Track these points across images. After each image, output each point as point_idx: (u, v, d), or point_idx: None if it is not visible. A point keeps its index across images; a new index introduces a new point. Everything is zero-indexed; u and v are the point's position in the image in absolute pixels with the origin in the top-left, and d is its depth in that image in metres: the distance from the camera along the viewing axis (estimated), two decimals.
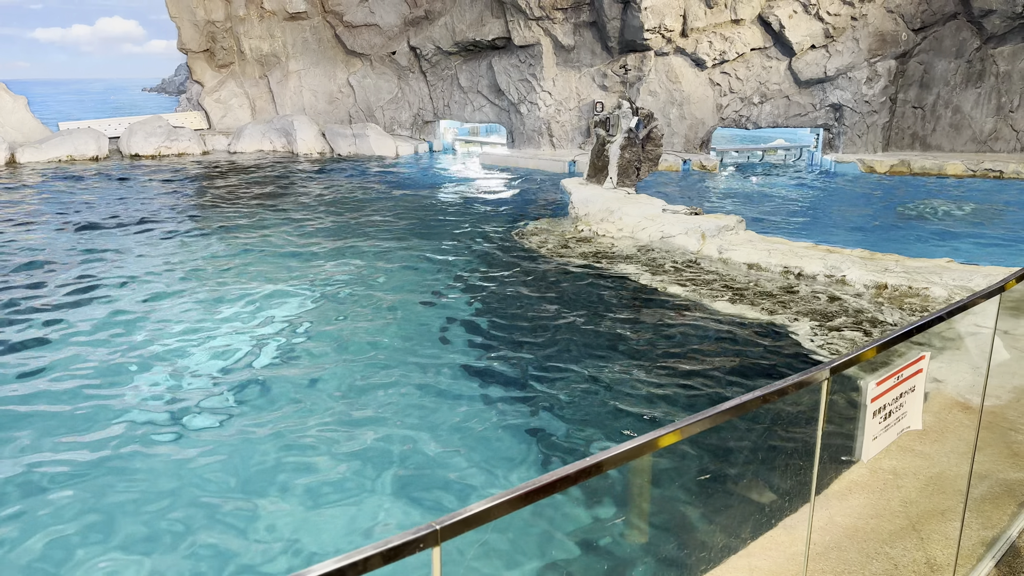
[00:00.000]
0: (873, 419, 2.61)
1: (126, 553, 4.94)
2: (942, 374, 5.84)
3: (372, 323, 9.28)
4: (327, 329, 9.08)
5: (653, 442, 2.01)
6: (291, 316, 9.51)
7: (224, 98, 28.84)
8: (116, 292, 10.58)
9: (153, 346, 8.51)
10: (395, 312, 9.69)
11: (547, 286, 10.68)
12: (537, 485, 1.75)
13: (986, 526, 4.03)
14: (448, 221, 15.52)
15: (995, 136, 23.27)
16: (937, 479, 4.56)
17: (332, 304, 10.00)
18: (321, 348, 8.46)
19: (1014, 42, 22.57)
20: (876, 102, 23.42)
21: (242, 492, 5.63)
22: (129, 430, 6.57)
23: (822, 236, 14.35)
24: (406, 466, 6.00)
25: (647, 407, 6.94)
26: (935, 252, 12.74)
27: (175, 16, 27.50)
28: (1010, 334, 5.69)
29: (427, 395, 7.29)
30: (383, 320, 9.40)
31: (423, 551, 1.52)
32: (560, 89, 24.88)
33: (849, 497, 4.29)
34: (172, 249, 13.03)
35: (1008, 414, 5.15)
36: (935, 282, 9.59)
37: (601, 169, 16.35)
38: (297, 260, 12.24)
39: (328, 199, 17.98)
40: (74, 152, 23.91)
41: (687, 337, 8.63)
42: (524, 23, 24.43)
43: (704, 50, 23.47)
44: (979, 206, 17.39)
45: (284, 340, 8.67)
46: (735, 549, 3.91)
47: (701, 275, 10.92)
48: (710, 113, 24.35)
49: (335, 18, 27.89)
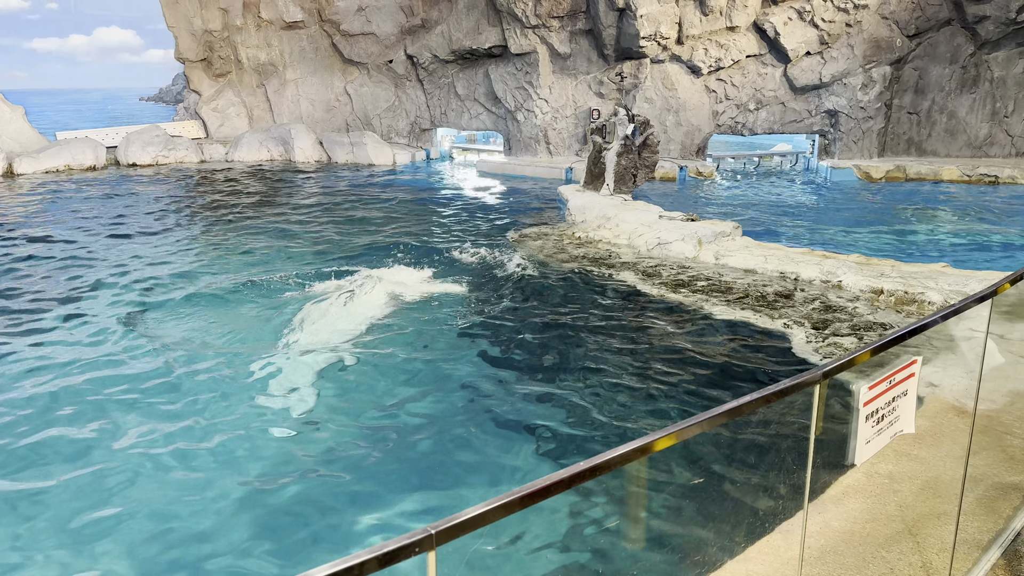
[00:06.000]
0: (866, 423, 2.63)
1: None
2: (937, 378, 5.86)
3: (366, 330, 9.28)
4: (322, 335, 9.08)
5: (648, 446, 2.03)
6: (286, 323, 9.52)
7: (221, 107, 28.90)
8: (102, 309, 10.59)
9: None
10: (389, 319, 9.69)
11: (543, 292, 10.70)
12: (532, 489, 1.76)
13: (981, 530, 4.05)
14: (445, 228, 15.55)
15: (990, 141, 23.36)
16: (933, 483, 4.57)
17: (322, 310, 9.99)
18: (318, 357, 8.46)
19: (1008, 47, 22.68)
20: (871, 108, 23.51)
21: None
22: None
23: (818, 241, 14.40)
24: (403, 471, 6.00)
25: (643, 412, 6.96)
26: (931, 257, 12.79)
27: (172, 26, 27.57)
28: (1005, 338, 5.72)
29: (421, 399, 7.30)
30: (377, 327, 9.40)
31: (419, 555, 1.53)
32: (557, 97, 24.96)
33: (845, 501, 4.31)
34: (171, 256, 13.05)
35: (1003, 418, 5.17)
36: (931, 287, 9.62)
37: (598, 176, 16.39)
38: (292, 264, 12.25)
39: (324, 207, 18.00)
40: (72, 162, 23.94)
41: (682, 342, 8.64)
42: (520, 31, 24.52)
43: (700, 57, 23.57)
44: (975, 211, 17.45)
45: (285, 347, 8.68)
46: (732, 554, 3.92)
47: (697, 281, 10.95)
48: (706, 120, 24.43)
49: (332, 27, 27.98)
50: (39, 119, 46.66)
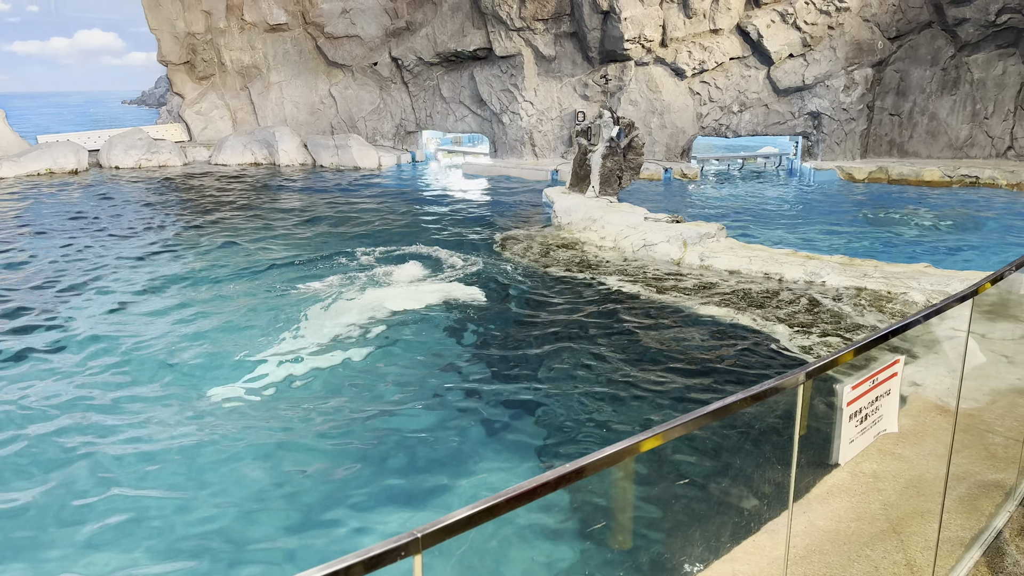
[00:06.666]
0: (849, 422, 2.65)
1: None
2: (920, 377, 5.91)
3: (348, 334, 9.25)
4: (311, 340, 9.05)
5: (635, 446, 2.03)
6: (275, 329, 9.47)
7: (205, 110, 28.73)
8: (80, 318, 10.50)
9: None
10: (370, 323, 9.65)
11: (528, 294, 10.71)
12: (519, 491, 1.76)
13: (964, 528, 4.08)
14: (430, 230, 15.53)
15: (971, 142, 23.60)
16: (916, 482, 4.61)
17: (306, 313, 9.96)
18: (306, 360, 8.43)
19: (987, 50, 22.93)
20: (854, 110, 23.70)
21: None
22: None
23: (802, 242, 14.49)
24: (385, 474, 5.98)
25: (628, 413, 6.97)
26: (913, 257, 12.90)
27: (155, 28, 27.39)
28: (986, 337, 5.78)
29: (402, 403, 7.28)
30: (359, 331, 9.37)
31: (405, 559, 1.53)
32: (542, 99, 24.99)
33: (830, 501, 4.33)
34: (154, 265, 12.96)
35: (985, 416, 5.22)
36: (913, 287, 9.71)
37: (583, 178, 16.43)
38: (273, 269, 12.19)
39: (310, 211, 17.93)
40: (53, 165, 23.72)
41: (668, 344, 8.67)
42: (505, 34, 24.54)
43: (684, 60, 23.67)
44: (957, 211, 17.62)
45: (272, 354, 8.63)
46: (718, 554, 3.93)
47: (683, 282, 10.99)
48: (690, 122, 24.54)
49: (316, 29, 27.89)
50: (20, 122, 46.19)
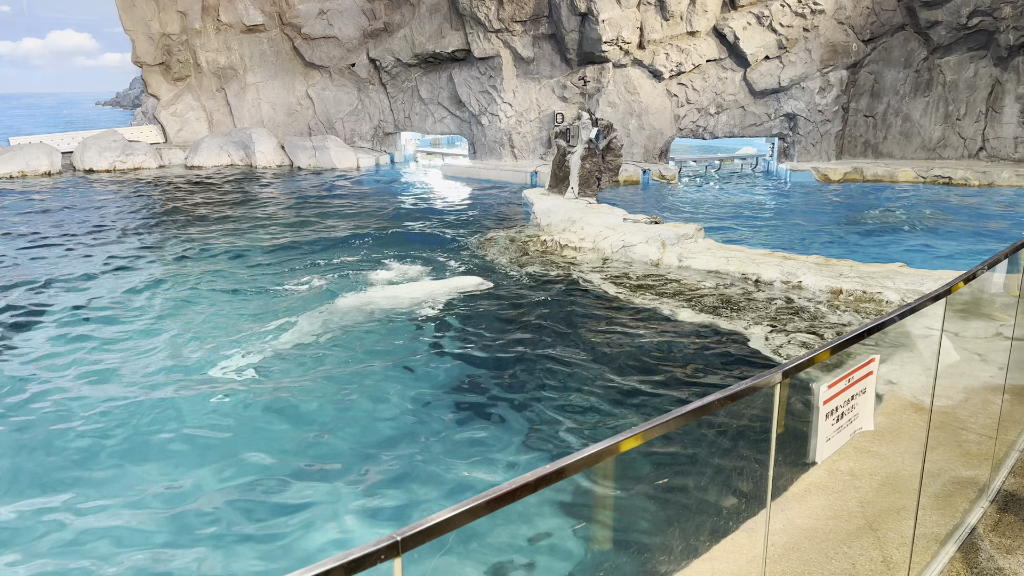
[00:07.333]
0: (826, 421, 2.67)
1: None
2: (896, 376, 5.98)
3: (329, 340, 9.20)
4: (282, 344, 8.99)
5: (614, 447, 2.03)
6: (247, 333, 9.40)
7: (180, 111, 28.45)
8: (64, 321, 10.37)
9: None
10: (348, 326, 9.61)
11: (508, 296, 10.71)
12: (498, 493, 1.76)
13: (939, 524, 4.14)
14: (409, 232, 15.48)
15: (943, 143, 23.95)
16: (892, 479, 4.67)
17: (278, 317, 9.89)
18: (282, 366, 8.37)
19: (959, 52, 23.29)
20: (829, 111, 23.96)
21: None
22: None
23: (779, 243, 14.61)
24: (368, 478, 5.96)
25: (608, 414, 6.99)
26: (888, 257, 13.05)
27: (129, 29, 27.08)
28: (960, 336, 5.85)
29: (380, 406, 7.25)
30: (336, 334, 9.32)
31: (384, 562, 1.52)
32: (520, 100, 25.01)
33: (808, 499, 4.37)
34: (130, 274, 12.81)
35: (959, 414, 5.29)
36: (888, 286, 9.82)
37: (562, 179, 16.46)
38: (249, 272, 12.10)
39: (286, 213, 17.82)
40: (26, 168, 23.38)
41: (646, 344, 8.71)
42: (484, 35, 24.54)
43: (661, 62, 23.80)
44: (931, 212, 17.85)
45: (253, 356, 8.57)
46: (697, 553, 3.95)
47: (661, 283, 11.05)
48: (668, 123, 24.68)
49: (293, 30, 27.72)
50: None
